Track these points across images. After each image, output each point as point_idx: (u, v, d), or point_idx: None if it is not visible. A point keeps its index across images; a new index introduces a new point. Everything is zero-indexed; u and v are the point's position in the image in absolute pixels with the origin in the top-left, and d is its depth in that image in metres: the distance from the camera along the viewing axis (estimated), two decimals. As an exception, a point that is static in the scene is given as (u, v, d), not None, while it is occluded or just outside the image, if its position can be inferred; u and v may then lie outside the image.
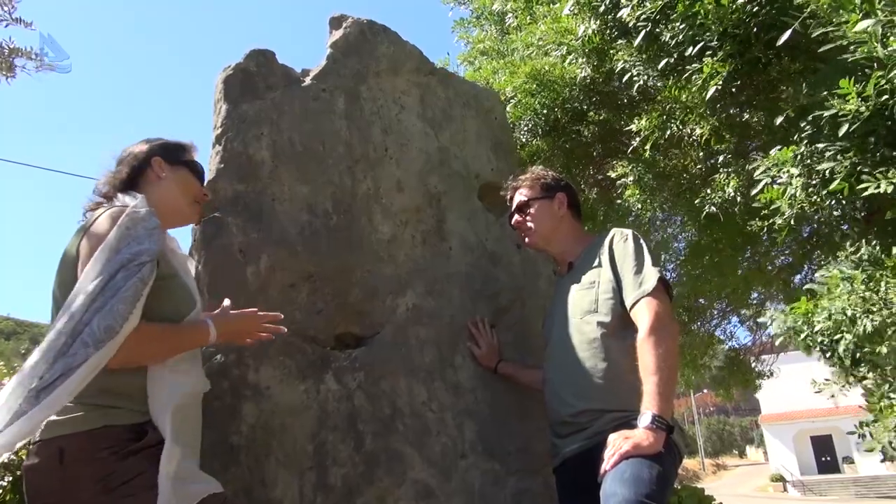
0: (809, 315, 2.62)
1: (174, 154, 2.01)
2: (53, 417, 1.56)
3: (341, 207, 2.56)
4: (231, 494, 2.09)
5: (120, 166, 1.93)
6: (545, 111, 3.68)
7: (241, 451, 2.17)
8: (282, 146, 2.54)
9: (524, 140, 3.96)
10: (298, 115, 2.60)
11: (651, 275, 2.09)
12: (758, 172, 2.68)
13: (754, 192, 2.73)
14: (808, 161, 2.49)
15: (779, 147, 2.65)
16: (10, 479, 2.46)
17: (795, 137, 2.60)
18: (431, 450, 2.41)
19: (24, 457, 1.82)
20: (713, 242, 3.67)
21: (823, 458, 34.99)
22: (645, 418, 1.88)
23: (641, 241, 2.21)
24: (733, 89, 2.84)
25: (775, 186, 2.61)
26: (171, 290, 1.78)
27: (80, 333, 1.51)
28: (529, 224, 2.47)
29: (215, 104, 2.60)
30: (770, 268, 4.58)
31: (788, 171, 2.53)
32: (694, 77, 2.76)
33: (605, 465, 1.87)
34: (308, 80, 2.71)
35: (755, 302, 5.76)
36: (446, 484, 2.38)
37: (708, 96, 2.79)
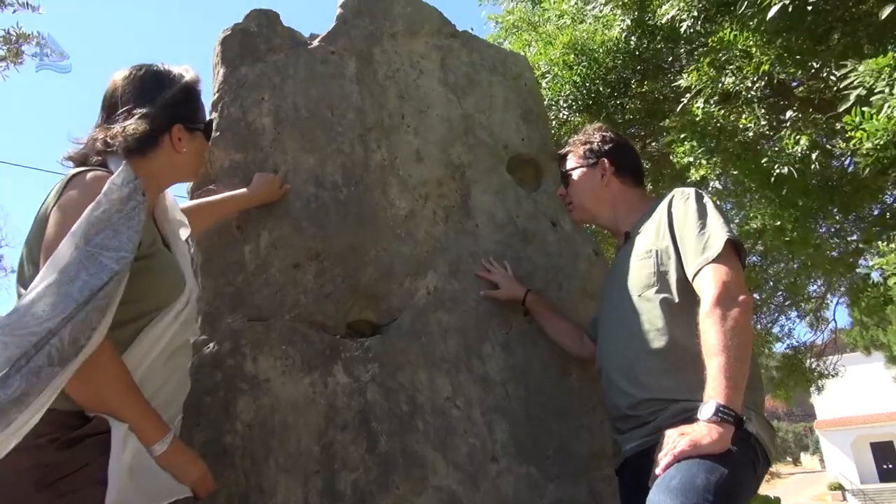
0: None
1: (196, 115, 1.68)
2: None
3: (352, 179, 2.27)
4: (224, 502, 1.81)
5: (128, 120, 1.52)
6: (586, 83, 3.32)
7: (235, 452, 1.87)
8: (285, 112, 2.26)
9: (563, 116, 3.61)
10: (304, 79, 2.33)
11: (717, 237, 1.72)
12: (847, 82, 2.22)
13: (842, 107, 2.28)
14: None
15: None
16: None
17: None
18: (457, 452, 2.08)
19: None
20: (779, 210, 3.23)
21: (885, 466, 33.17)
22: (707, 409, 1.52)
23: (707, 198, 1.85)
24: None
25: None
26: (154, 272, 1.50)
27: (45, 344, 1.23)
28: (571, 196, 2.15)
29: (213, 69, 2.34)
30: (836, 250, 4.08)
31: (890, 80, 2.05)
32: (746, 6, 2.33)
33: (657, 468, 1.52)
34: (315, 43, 2.43)
35: (815, 295, 5.26)
36: (474, 491, 2.04)
37: (771, 14, 2.35)
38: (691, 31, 2.70)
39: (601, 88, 3.44)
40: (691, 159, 2.87)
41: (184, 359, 1.63)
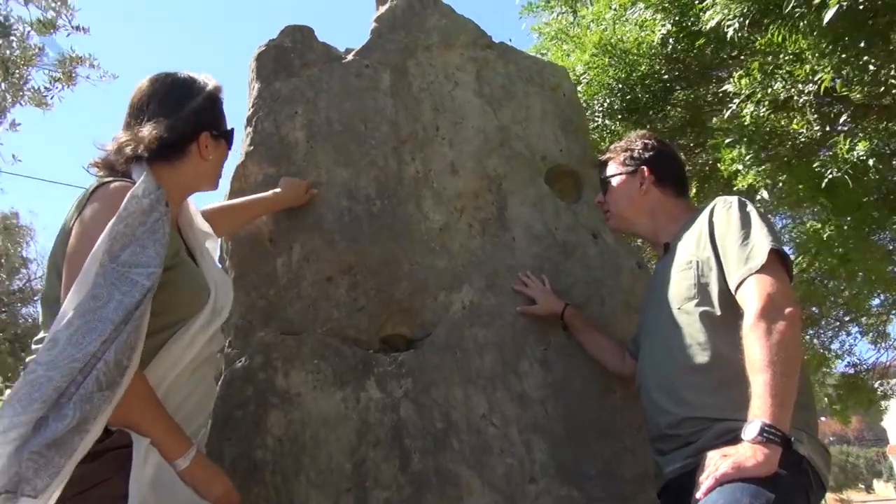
0: None
1: (220, 123, 1.68)
2: None
3: (385, 192, 2.24)
4: (253, 519, 1.78)
5: (153, 125, 1.52)
6: (621, 87, 3.22)
7: (266, 467, 1.84)
8: (318, 126, 2.26)
9: (598, 123, 3.51)
10: (338, 93, 2.32)
11: (761, 247, 1.62)
12: None
13: None
14: None
15: None
16: None
17: None
18: (493, 472, 2.00)
19: None
20: (829, 218, 3.03)
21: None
22: (751, 429, 1.41)
23: (750, 207, 1.75)
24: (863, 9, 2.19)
25: None
26: (177, 284, 1.48)
27: (91, 369, 1.22)
28: (608, 204, 2.08)
29: (249, 85, 2.36)
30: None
31: None
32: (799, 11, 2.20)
33: (698, 493, 1.42)
34: (350, 57, 2.43)
35: (877, 310, 4.98)
36: (512, 513, 1.96)
37: (827, 19, 2.21)
38: (738, 35, 2.59)
39: (640, 94, 3.33)
40: (740, 166, 2.74)
41: (209, 371, 1.61)
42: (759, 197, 2.95)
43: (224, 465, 1.83)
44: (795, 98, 2.67)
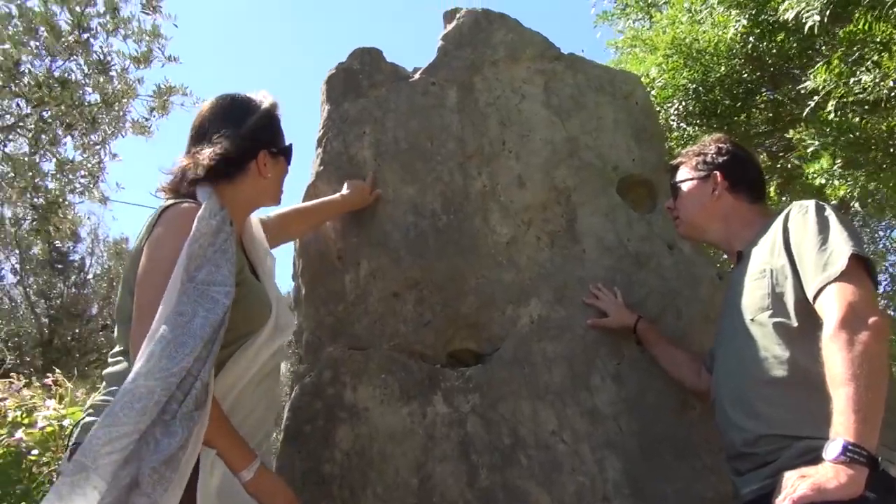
0: None
1: (278, 140, 1.80)
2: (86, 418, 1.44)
3: (451, 207, 2.31)
4: (322, 531, 1.87)
5: (211, 146, 1.63)
6: (697, 89, 3.14)
7: (334, 481, 1.94)
8: (385, 144, 2.37)
9: (674, 127, 3.44)
10: (405, 112, 2.43)
11: (840, 252, 1.56)
12: None
13: None
14: None
15: None
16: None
17: None
18: (563, 489, 2.00)
19: None
20: None
21: None
22: (833, 448, 1.35)
23: (829, 211, 1.69)
24: None
25: None
26: (242, 301, 1.57)
27: (190, 388, 1.34)
28: (678, 210, 2.06)
29: (320, 107, 2.51)
30: None
31: None
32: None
33: None
34: (417, 76, 2.53)
35: None
36: (583, 533, 1.96)
37: None
38: (819, 27, 2.48)
39: (718, 96, 3.23)
40: (823, 180, 2.60)
41: (273, 385, 1.71)
42: (851, 209, 2.79)
43: (295, 478, 1.94)
44: (886, 93, 2.51)
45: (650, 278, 2.33)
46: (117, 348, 1.55)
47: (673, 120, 3.46)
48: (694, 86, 3.22)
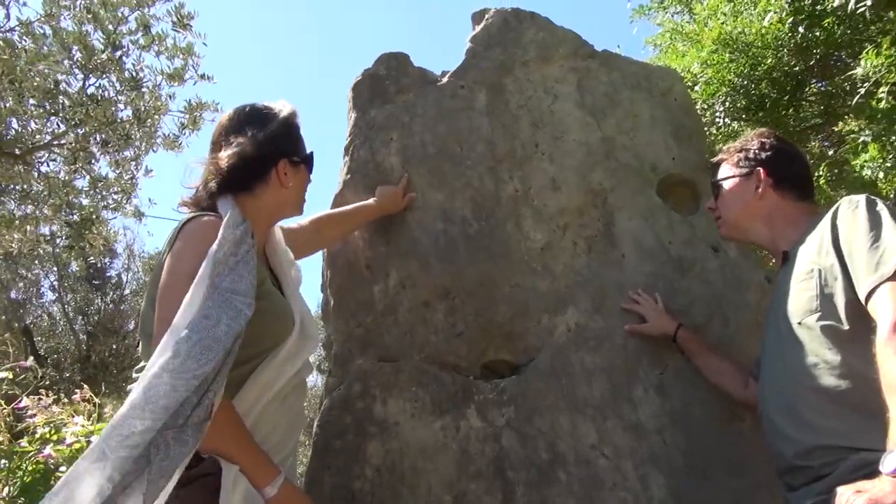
0: None
1: (298, 148, 1.80)
2: None
3: (483, 213, 2.30)
4: (353, 550, 1.87)
5: (230, 155, 1.64)
6: (745, 83, 3.07)
7: (364, 498, 1.93)
8: (413, 150, 2.37)
9: (720, 124, 3.36)
10: (432, 116, 2.43)
11: (894, 250, 1.50)
12: None
13: None
14: None
15: None
16: None
17: None
18: (605, 507, 1.97)
19: None
20: None
21: None
22: (890, 461, 1.29)
23: (881, 206, 1.63)
24: None
25: None
26: (263, 314, 1.57)
27: (204, 398, 1.34)
28: (720, 209, 2.01)
29: (347, 115, 2.53)
30: None
31: None
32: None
33: None
34: (445, 79, 2.54)
35: None
36: (627, 553, 1.92)
37: None
38: (871, 14, 2.40)
39: (766, 89, 3.14)
40: (870, 171, 2.50)
41: (297, 400, 1.71)
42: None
43: (324, 495, 1.95)
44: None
45: (694, 284, 2.28)
46: (142, 363, 1.57)
47: (719, 116, 3.38)
48: (741, 80, 3.14)
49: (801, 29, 2.93)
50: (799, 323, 1.65)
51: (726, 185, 1.99)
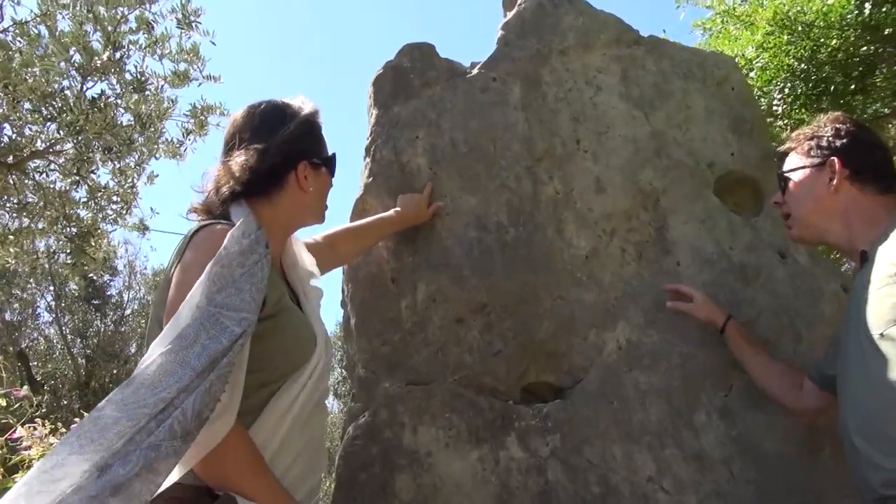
0: None
1: (319, 149, 1.71)
2: None
3: (520, 218, 2.20)
4: None
5: (244, 154, 1.56)
6: (805, 68, 2.93)
7: (394, 539, 1.82)
8: (442, 150, 2.28)
9: (778, 114, 3.23)
10: (462, 112, 2.33)
11: None
12: None
13: None
14: None
15: None
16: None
17: None
18: (667, 549, 1.84)
19: None
20: None
21: None
22: None
23: None
24: None
25: None
26: (280, 333, 1.49)
27: (166, 418, 1.24)
28: (788, 206, 1.88)
29: (367, 112, 2.44)
30: None
31: None
32: None
33: None
34: (475, 71, 2.44)
35: None
36: None
37: None
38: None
39: (830, 74, 3.00)
40: None
41: (319, 428, 1.61)
42: None
43: (349, 534, 1.84)
44: None
45: (760, 295, 2.15)
46: None
47: (777, 105, 3.25)
48: (801, 64, 3.01)
49: (867, 6, 2.80)
50: (881, 334, 1.52)
51: (795, 176, 1.86)
